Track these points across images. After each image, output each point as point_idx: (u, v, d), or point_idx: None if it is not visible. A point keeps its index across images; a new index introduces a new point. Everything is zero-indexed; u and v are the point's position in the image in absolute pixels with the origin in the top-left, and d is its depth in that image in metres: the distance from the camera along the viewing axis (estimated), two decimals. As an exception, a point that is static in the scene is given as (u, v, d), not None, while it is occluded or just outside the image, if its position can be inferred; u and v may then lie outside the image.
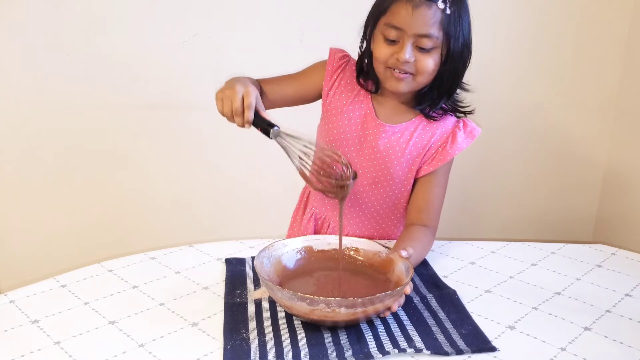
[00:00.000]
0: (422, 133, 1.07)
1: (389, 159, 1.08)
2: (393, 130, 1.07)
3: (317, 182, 0.87)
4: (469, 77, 1.05)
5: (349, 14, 1.73)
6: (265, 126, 0.86)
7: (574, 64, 1.84)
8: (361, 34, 1.06)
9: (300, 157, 0.86)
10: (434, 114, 1.06)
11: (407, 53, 0.96)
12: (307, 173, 0.86)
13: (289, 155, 0.86)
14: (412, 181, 1.10)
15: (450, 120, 1.08)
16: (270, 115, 0.91)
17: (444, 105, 1.06)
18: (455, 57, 0.99)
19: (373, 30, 1.01)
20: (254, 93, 0.88)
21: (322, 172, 0.87)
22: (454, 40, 0.97)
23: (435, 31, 0.95)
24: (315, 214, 1.19)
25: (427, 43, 0.96)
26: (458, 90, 1.07)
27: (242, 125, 0.89)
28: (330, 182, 0.86)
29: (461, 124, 1.08)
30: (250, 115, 0.87)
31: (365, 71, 1.07)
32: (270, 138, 0.86)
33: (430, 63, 0.97)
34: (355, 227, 1.15)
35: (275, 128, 0.85)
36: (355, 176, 0.86)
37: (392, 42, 0.97)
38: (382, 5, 0.98)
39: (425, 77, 0.99)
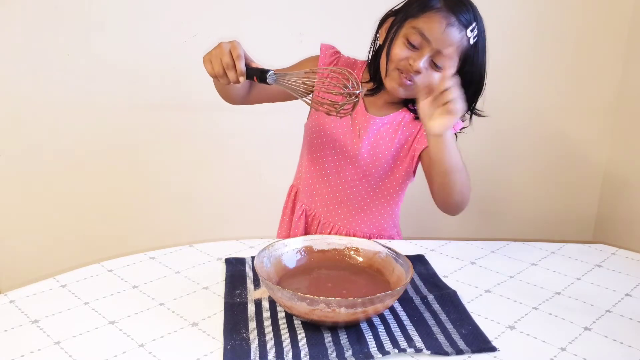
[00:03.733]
0: (409, 122, 1.09)
1: (379, 149, 1.09)
2: (382, 122, 1.09)
3: (331, 99, 0.89)
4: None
5: (348, 15, 1.74)
6: (259, 74, 0.85)
7: (574, 66, 1.84)
8: (375, 30, 1.05)
9: (304, 90, 0.87)
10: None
11: (423, 63, 0.97)
12: (318, 98, 0.88)
13: (292, 93, 0.87)
14: (399, 169, 1.12)
15: None
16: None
17: None
18: (466, 83, 1.01)
19: (397, 30, 0.99)
20: (240, 46, 0.87)
21: (332, 89, 0.89)
22: (468, 66, 1.00)
23: (455, 54, 0.98)
24: (306, 210, 1.19)
25: (443, 61, 0.97)
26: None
27: (237, 80, 0.86)
28: (344, 93, 0.87)
29: None
30: (241, 65, 0.84)
31: (372, 70, 1.07)
32: (269, 84, 0.85)
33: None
34: (345, 221, 1.16)
35: (271, 72, 0.85)
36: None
37: (412, 46, 0.97)
38: (415, 9, 0.97)
39: None
